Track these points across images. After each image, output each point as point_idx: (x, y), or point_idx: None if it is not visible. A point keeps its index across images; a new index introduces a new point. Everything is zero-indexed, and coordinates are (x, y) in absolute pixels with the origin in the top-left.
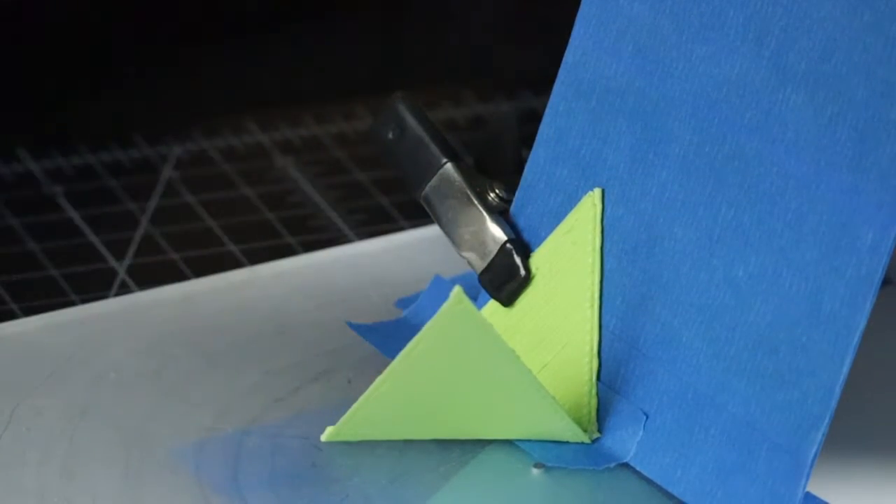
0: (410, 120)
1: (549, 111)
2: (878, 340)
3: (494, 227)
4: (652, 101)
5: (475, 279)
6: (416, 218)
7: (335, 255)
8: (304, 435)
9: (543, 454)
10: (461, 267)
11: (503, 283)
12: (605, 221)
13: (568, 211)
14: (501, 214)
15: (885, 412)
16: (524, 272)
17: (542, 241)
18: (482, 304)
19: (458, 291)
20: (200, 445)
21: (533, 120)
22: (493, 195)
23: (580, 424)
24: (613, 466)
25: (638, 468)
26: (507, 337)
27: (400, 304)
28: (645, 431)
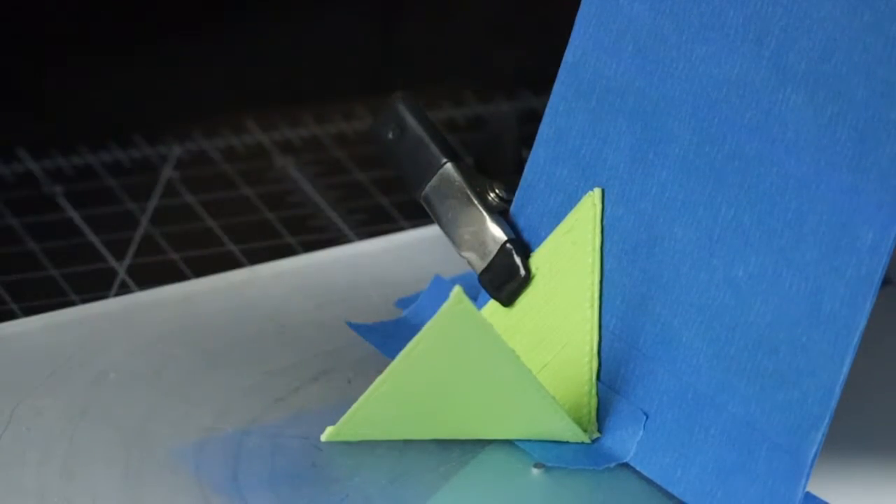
0: (410, 120)
1: (549, 111)
2: (878, 340)
3: (494, 227)
4: (652, 101)
5: (475, 279)
6: (416, 218)
7: (335, 255)
8: (304, 435)
9: (543, 454)
10: (461, 267)
11: (503, 283)
12: (605, 221)
13: (568, 211)
14: (501, 214)
15: (885, 412)
16: (524, 272)
17: (542, 241)
18: (482, 304)
19: (458, 291)
20: (200, 445)
21: (533, 120)
22: (493, 195)
23: (580, 424)
24: (613, 466)
25: (638, 468)
26: (507, 337)
27: (400, 304)
28: (645, 431)
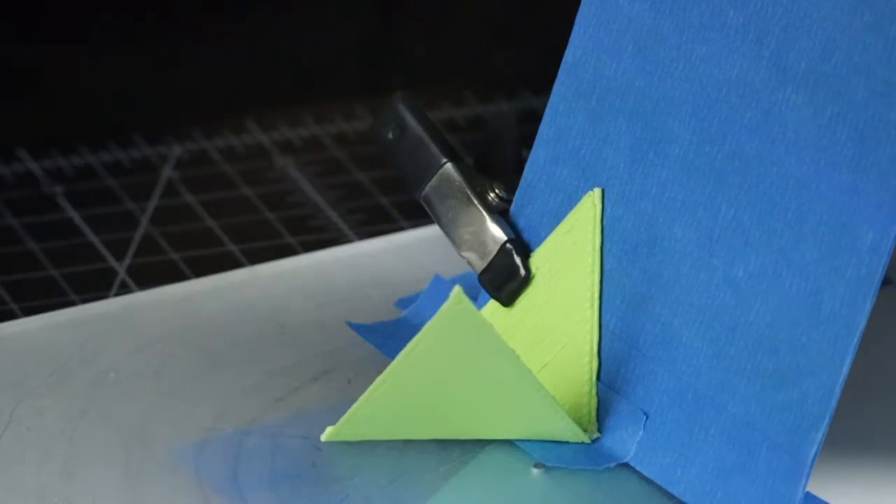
0: (410, 120)
1: (549, 111)
2: (878, 340)
3: (494, 227)
4: (652, 101)
5: (475, 279)
6: (416, 218)
7: (335, 255)
8: (304, 435)
9: (543, 454)
10: (461, 267)
11: (503, 283)
12: (605, 221)
13: (568, 211)
14: (501, 214)
15: (885, 412)
16: (524, 272)
17: (542, 241)
18: (482, 304)
19: (458, 291)
20: (200, 445)
21: (533, 120)
22: (493, 195)
23: (580, 424)
24: (613, 466)
25: (638, 468)
26: (507, 337)
27: (400, 304)
28: (645, 431)
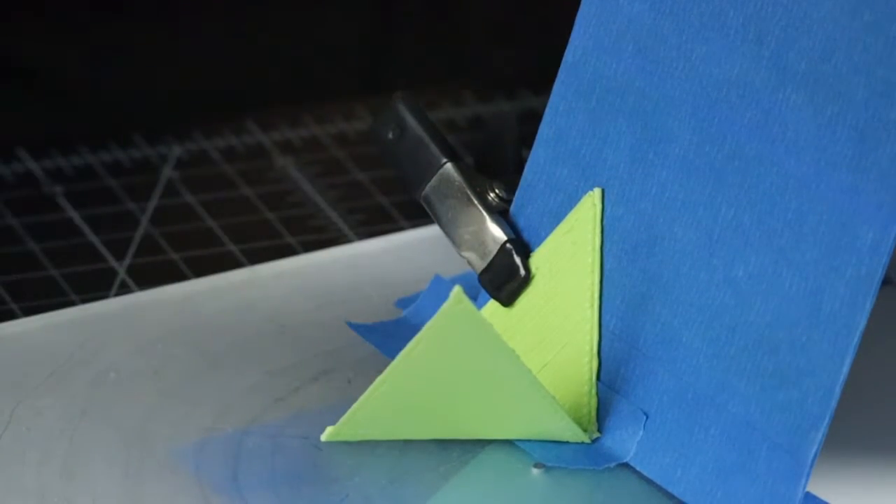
0: (410, 120)
1: (549, 111)
2: (878, 340)
3: (494, 227)
4: (652, 100)
5: (475, 279)
6: (416, 218)
7: (335, 255)
8: (304, 435)
9: (543, 454)
10: (461, 267)
11: (503, 283)
12: (605, 221)
13: (568, 211)
14: (501, 214)
15: (885, 412)
16: (524, 272)
17: (542, 241)
18: (482, 304)
19: (458, 291)
20: (200, 445)
21: (533, 120)
22: (493, 195)
23: (580, 424)
24: (613, 466)
25: (638, 468)
26: (507, 337)
27: (400, 304)
28: (645, 431)
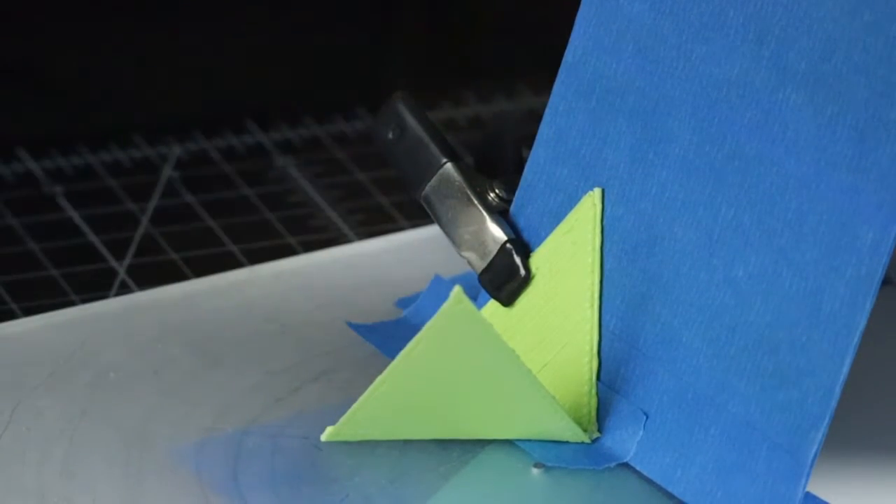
0: (410, 120)
1: (549, 111)
2: (878, 340)
3: (494, 227)
4: (652, 100)
5: (475, 279)
6: (416, 218)
7: (335, 255)
8: (304, 435)
9: (543, 454)
10: (461, 267)
11: (503, 283)
12: (605, 221)
13: (568, 211)
14: (501, 214)
15: (885, 412)
16: (524, 272)
17: (542, 241)
18: (482, 304)
19: (458, 291)
20: (200, 445)
21: (533, 120)
22: (493, 195)
23: (580, 424)
24: (613, 466)
25: (638, 468)
26: (507, 337)
27: (400, 304)
28: (645, 431)
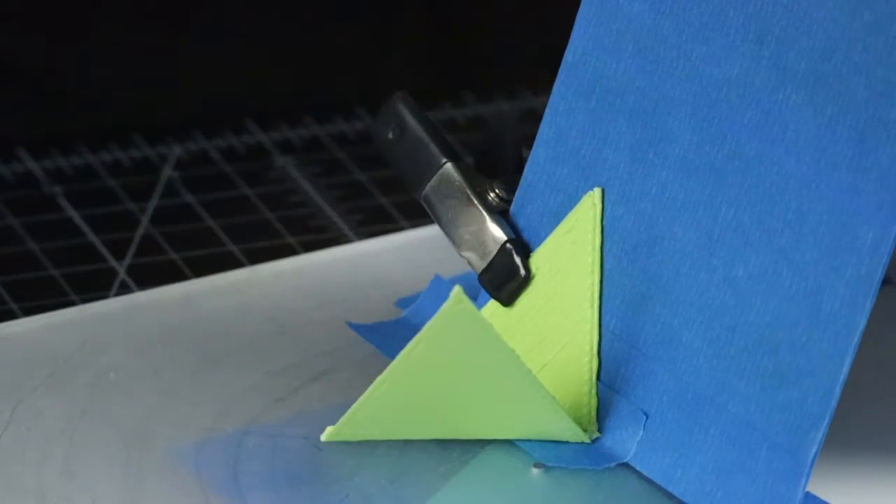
0: (410, 120)
1: (549, 111)
2: (878, 340)
3: (494, 227)
4: (652, 100)
5: (475, 279)
6: (416, 218)
7: (335, 255)
8: (304, 435)
9: (543, 454)
10: (461, 267)
11: (503, 283)
12: (605, 221)
13: (568, 211)
14: (501, 214)
15: (885, 412)
16: (524, 272)
17: (542, 241)
18: (482, 304)
19: (458, 291)
20: (200, 445)
21: (533, 120)
22: (493, 195)
23: (580, 424)
24: (613, 466)
25: (638, 468)
26: (507, 337)
27: (400, 304)
28: (645, 431)
